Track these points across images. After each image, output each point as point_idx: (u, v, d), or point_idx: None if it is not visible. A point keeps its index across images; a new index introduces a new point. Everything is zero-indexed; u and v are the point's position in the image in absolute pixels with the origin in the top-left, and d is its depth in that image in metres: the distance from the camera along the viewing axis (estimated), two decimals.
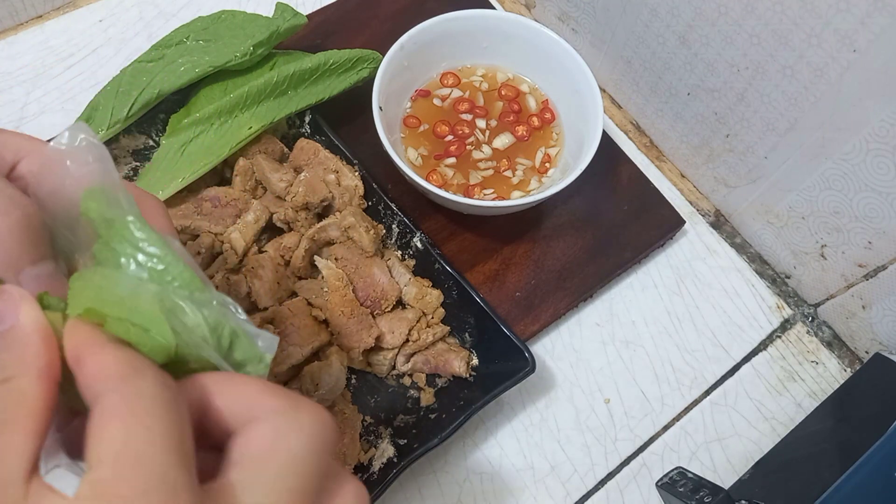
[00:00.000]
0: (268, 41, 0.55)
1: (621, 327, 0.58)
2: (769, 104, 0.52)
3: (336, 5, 0.67)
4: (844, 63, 0.45)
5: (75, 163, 0.27)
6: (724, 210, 0.63)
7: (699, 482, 0.48)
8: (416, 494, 0.51)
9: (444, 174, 0.57)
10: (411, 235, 0.54)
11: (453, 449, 0.52)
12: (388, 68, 0.55)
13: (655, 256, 0.61)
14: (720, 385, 0.57)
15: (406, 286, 0.52)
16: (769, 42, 0.48)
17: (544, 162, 0.59)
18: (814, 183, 0.52)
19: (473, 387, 0.51)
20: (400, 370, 0.52)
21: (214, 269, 0.51)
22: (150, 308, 0.24)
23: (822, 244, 0.55)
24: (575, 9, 0.65)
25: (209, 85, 0.55)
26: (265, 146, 0.55)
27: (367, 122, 0.53)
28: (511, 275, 0.57)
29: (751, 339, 0.58)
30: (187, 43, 0.55)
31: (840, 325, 0.59)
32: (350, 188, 0.54)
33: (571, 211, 0.60)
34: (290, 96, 0.55)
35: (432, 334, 0.51)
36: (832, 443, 0.48)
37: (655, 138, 0.66)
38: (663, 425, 0.55)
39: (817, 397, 0.57)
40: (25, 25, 0.65)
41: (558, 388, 0.55)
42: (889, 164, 0.46)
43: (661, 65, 0.59)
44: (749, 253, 0.62)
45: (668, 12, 0.55)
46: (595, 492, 0.52)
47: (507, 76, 0.62)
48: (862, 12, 0.42)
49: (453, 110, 0.60)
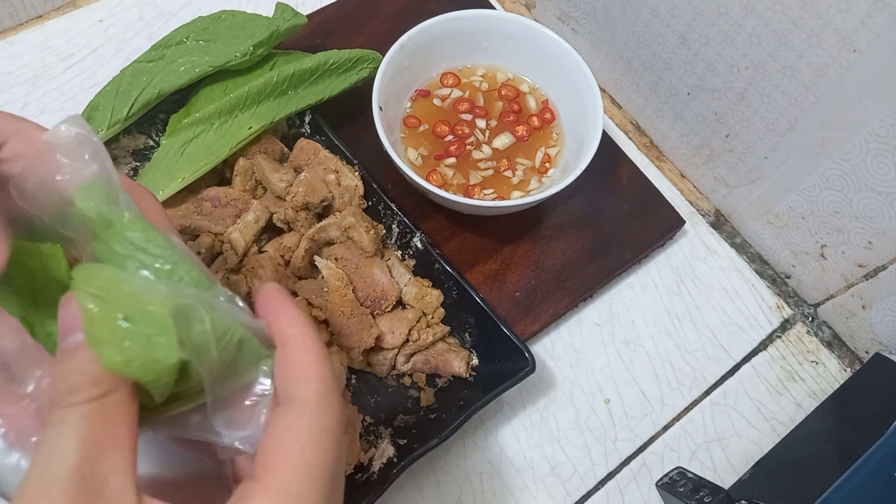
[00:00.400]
0: (268, 41, 0.55)
1: (621, 327, 0.58)
2: (769, 104, 0.52)
3: (336, 5, 0.67)
4: (844, 63, 0.45)
5: (68, 157, 0.27)
6: (724, 210, 0.63)
7: (699, 482, 0.48)
8: (416, 494, 0.51)
9: (444, 174, 0.57)
10: (411, 235, 0.54)
11: (453, 449, 0.52)
12: (388, 68, 0.55)
13: (655, 256, 0.61)
14: (720, 385, 0.57)
15: (406, 286, 0.52)
16: (769, 42, 0.48)
17: (544, 162, 0.59)
18: (814, 183, 0.52)
19: (473, 387, 0.51)
20: (400, 370, 0.52)
21: (214, 269, 0.51)
22: (160, 312, 0.24)
23: (822, 244, 0.55)
24: (575, 9, 0.65)
25: (209, 85, 0.55)
26: (265, 146, 0.55)
27: (367, 122, 0.53)
28: (511, 275, 0.57)
29: (751, 339, 0.58)
30: (187, 43, 0.55)
31: (840, 325, 0.59)
32: (350, 188, 0.54)
33: (571, 211, 0.60)
34: (290, 96, 0.55)
35: (432, 334, 0.51)
36: (832, 443, 0.48)
37: (655, 138, 0.66)
38: (663, 425, 0.55)
39: (817, 397, 0.57)
40: (25, 25, 0.65)
41: (558, 388, 0.55)
42: (889, 164, 0.46)
43: (661, 65, 0.59)
44: (749, 253, 0.62)
45: (668, 12, 0.55)
46: (595, 492, 0.52)
47: (507, 76, 0.62)
48: (862, 12, 0.42)
49: (453, 110, 0.60)
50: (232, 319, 0.26)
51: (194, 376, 0.25)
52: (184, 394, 0.26)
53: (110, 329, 0.24)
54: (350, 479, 0.48)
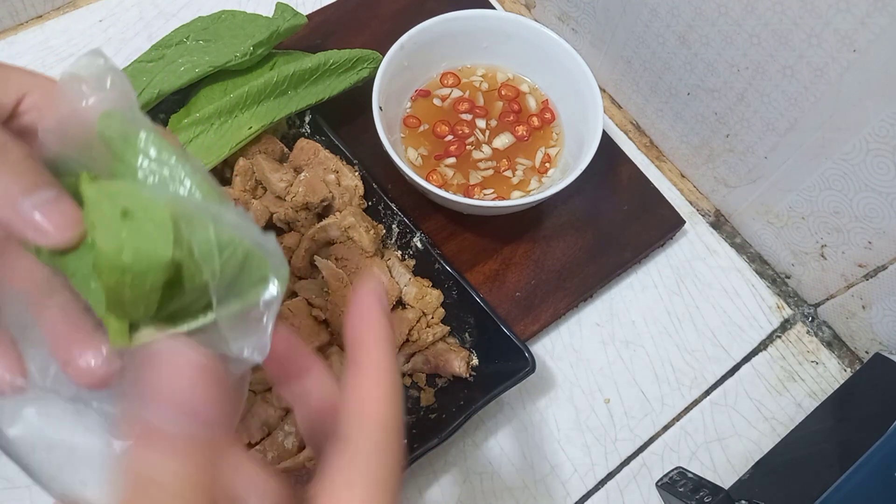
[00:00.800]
0: (268, 41, 0.55)
1: (621, 327, 0.58)
2: (769, 104, 0.52)
3: (336, 5, 0.67)
4: (844, 63, 0.45)
5: (92, 87, 0.26)
6: (724, 210, 0.63)
7: (699, 482, 0.48)
8: (416, 494, 0.51)
9: (444, 174, 0.57)
10: (411, 235, 0.54)
11: (453, 449, 0.52)
12: (388, 68, 0.55)
13: (655, 256, 0.61)
14: (720, 385, 0.57)
15: (406, 286, 0.52)
16: (769, 42, 0.48)
17: (544, 162, 0.59)
18: (814, 183, 0.52)
19: (473, 387, 0.51)
20: (400, 370, 0.52)
21: None
22: (161, 211, 0.23)
23: (822, 244, 0.55)
24: (575, 9, 0.65)
25: (209, 85, 0.55)
26: (265, 146, 0.55)
27: (367, 122, 0.53)
28: (511, 275, 0.57)
29: (751, 339, 0.58)
30: (187, 43, 0.55)
31: (840, 325, 0.59)
32: (350, 188, 0.54)
33: (571, 211, 0.60)
34: (290, 96, 0.55)
35: (432, 334, 0.51)
36: (832, 443, 0.48)
37: (655, 138, 0.66)
38: (663, 425, 0.55)
39: (817, 397, 0.57)
40: (25, 25, 0.65)
41: (558, 388, 0.55)
42: (889, 164, 0.46)
43: (661, 65, 0.59)
44: (749, 253, 0.62)
45: (668, 12, 0.55)
46: (595, 492, 0.52)
47: (507, 76, 0.62)
48: (862, 12, 0.42)
49: (453, 110, 0.60)
50: (239, 233, 0.25)
51: (196, 286, 0.25)
52: (188, 310, 0.26)
53: (109, 217, 0.23)
54: None
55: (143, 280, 0.23)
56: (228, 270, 0.25)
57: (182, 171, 0.26)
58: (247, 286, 0.26)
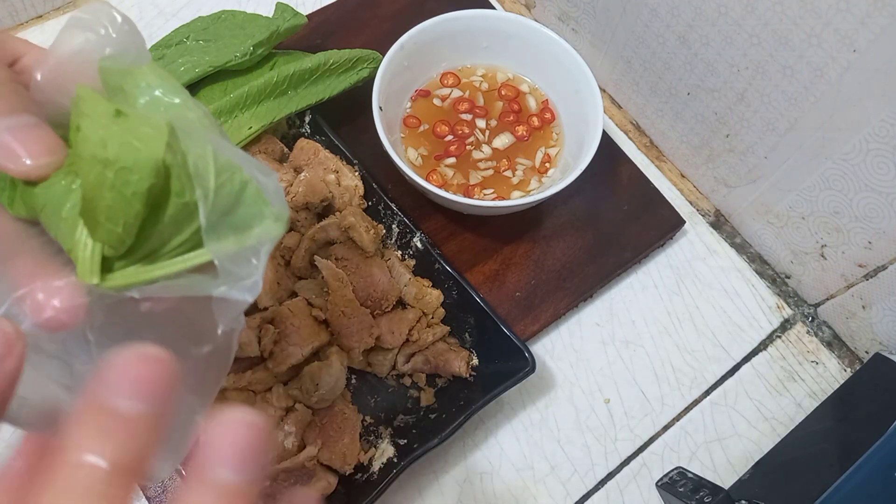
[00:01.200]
0: (268, 41, 0.55)
1: (621, 327, 0.58)
2: (769, 104, 0.52)
3: (336, 5, 0.67)
4: (844, 63, 0.45)
5: (95, 30, 0.25)
6: (724, 210, 0.63)
7: (699, 482, 0.48)
8: (416, 494, 0.51)
9: (444, 174, 0.57)
10: (411, 235, 0.54)
11: (453, 449, 0.52)
12: (388, 68, 0.55)
13: (655, 256, 0.61)
14: (720, 385, 0.56)
15: (406, 286, 0.52)
16: (769, 42, 0.48)
17: (544, 162, 0.59)
18: (814, 183, 0.52)
19: (473, 387, 0.51)
20: (400, 370, 0.52)
21: None
22: (158, 118, 0.22)
23: (822, 244, 0.55)
24: (575, 9, 0.65)
25: (209, 85, 0.55)
26: (265, 146, 0.55)
27: (367, 122, 0.53)
28: (511, 275, 0.57)
29: (751, 339, 0.58)
30: (187, 43, 0.55)
31: (840, 325, 0.59)
32: (350, 188, 0.54)
33: (571, 211, 0.60)
34: (290, 96, 0.55)
35: (432, 334, 0.51)
36: (832, 443, 0.48)
37: (655, 138, 0.66)
38: (663, 425, 0.55)
39: (817, 397, 0.57)
40: (25, 25, 0.65)
41: (558, 388, 0.55)
42: (889, 164, 0.46)
43: (661, 65, 0.59)
44: (749, 253, 0.62)
45: (668, 12, 0.55)
46: (595, 492, 0.52)
47: (507, 76, 0.62)
48: (862, 12, 0.42)
49: (453, 110, 0.60)
50: (239, 163, 0.23)
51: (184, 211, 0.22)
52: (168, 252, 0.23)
53: (101, 114, 0.22)
54: (350, 479, 0.48)
55: (126, 179, 0.21)
56: (223, 198, 0.22)
57: (184, 99, 0.24)
58: (241, 222, 0.23)
